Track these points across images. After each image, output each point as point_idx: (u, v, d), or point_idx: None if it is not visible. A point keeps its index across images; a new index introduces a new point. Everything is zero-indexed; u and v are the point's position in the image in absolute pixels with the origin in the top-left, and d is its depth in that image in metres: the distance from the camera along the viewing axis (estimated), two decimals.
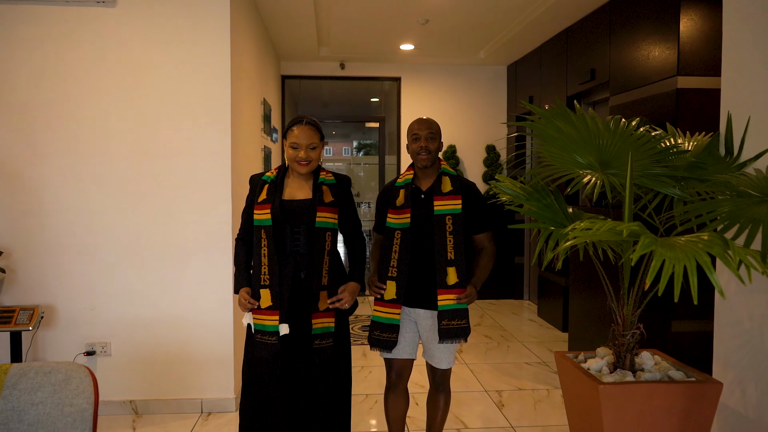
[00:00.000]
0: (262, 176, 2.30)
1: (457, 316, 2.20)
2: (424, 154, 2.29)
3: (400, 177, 2.41)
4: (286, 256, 2.18)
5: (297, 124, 2.21)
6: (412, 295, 2.28)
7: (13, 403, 1.39)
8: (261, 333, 2.16)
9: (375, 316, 2.30)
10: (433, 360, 2.32)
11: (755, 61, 1.98)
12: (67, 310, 3.15)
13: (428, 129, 2.31)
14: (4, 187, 3.09)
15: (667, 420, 1.76)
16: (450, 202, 2.25)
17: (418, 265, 2.27)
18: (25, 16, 3.07)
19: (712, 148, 2.08)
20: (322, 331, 2.17)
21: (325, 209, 2.20)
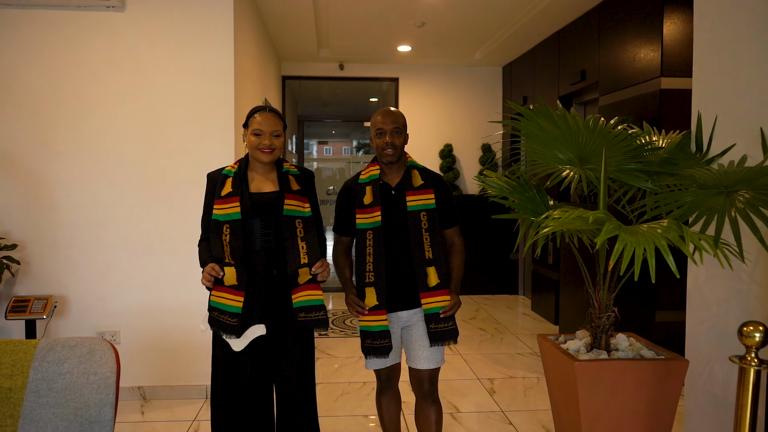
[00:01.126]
0: (222, 171, 2.15)
1: (444, 319, 2.11)
2: (390, 150, 2.13)
3: (363, 173, 2.24)
4: (257, 253, 2.05)
5: (259, 112, 2.10)
6: (391, 299, 2.15)
7: (43, 373, 1.55)
8: (219, 311, 2.00)
9: (363, 325, 2.14)
10: (420, 361, 2.16)
11: (721, 65, 2.14)
12: (79, 300, 3.31)
13: (393, 123, 2.14)
14: (19, 184, 3.25)
15: (637, 394, 1.92)
16: (423, 197, 2.14)
17: (394, 266, 2.14)
18: (39, 21, 3.22)
19: (684, 145, 2.23)
20: (306, 303, 2.03)
21: (293, 197, 2.09)
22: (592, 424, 1.94)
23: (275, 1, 4.31)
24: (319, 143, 12.24)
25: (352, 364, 4.03)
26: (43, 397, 1.52)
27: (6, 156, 3.23)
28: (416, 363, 2.18)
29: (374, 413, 3.18)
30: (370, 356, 2.16)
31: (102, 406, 1.48)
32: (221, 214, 2.05)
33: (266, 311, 2.07)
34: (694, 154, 2.20)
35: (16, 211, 3.25)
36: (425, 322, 2.13)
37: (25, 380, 1.55)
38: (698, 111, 2.23)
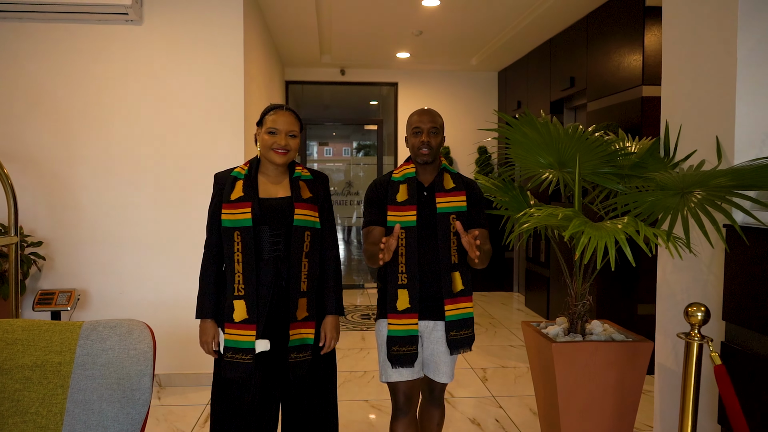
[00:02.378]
0: (231, 172, 2.02)
1: (465, 326, 2.05)
2: (426, 150, 2.05)
3: (398, 171, 2.15)
4: (265, 262, 1.92)
5: (276, 110, 1.98)
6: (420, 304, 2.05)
7: (87, 349, 1.79)
8: (233, 351, 1.89)
9: (391, 330, 2.03)
10: (438, 374, 2.11)
11: (686, 79, 2.38)
12: (99, 293, 3.56)
13: (431, 122, 2.07)
14: (44, 185, 3.49)
15: (607, 372, 2.17)
16: (454, 199, 2.06)
17: (423, 269, 2.04)
18: (63, 34, 3.47)
19: (654, 150, 2.47)
20: (299, 342, 1.92)
21: (303, 206, 1.96)
22: (568, 399, 2.19)
23: (281, 12, 4.56)
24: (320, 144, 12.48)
25: (353, 355, 4.28)
26: (89, 370, 1.76)
27: (32, 160, 3.48)
28: (436, 375, 2.11)
29: (374, 397, 3.43)
30: (396, 366, 2.03)
31: (141, 376, 1.72)
32: (230, 220, 1.92)
33: (272, 325, 1.94)
34: (662, 159, 2.45)
35: (41, 210, 3.50)
36: (445, 330, 2.04)
37: (72, 356, 1.79)
38: (666, 120, 2.48)
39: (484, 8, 4.55)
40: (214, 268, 1.99)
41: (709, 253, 2.19)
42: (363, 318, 5.48)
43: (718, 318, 2.11)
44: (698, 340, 1.64)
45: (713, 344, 2.10)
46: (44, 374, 1.75)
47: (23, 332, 1.81)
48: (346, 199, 8.44)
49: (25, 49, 3.45)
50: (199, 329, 1.99)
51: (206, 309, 1.97)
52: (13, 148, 3.45)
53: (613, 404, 2.19)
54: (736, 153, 2.08)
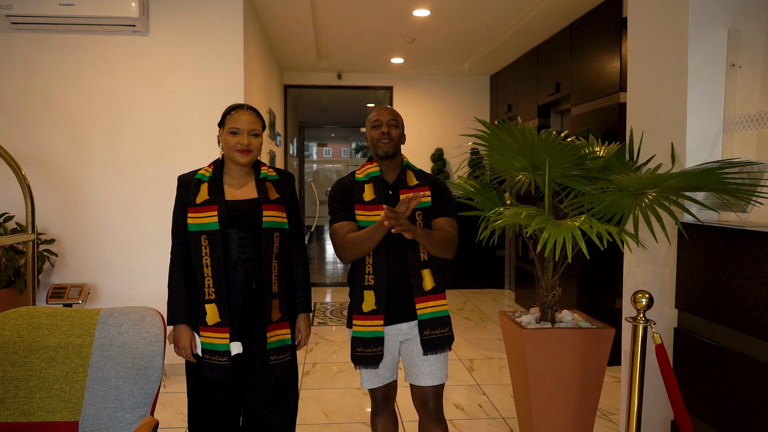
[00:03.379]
0: (195, 174, 2.01)
1: (440, 325, 2.00)
2: (386, 140, 2.01)
3: (360, 171, 2.12)
4: (233, 265, 1.92)
5: (237, 109, 1.96)
6: (389, 308, 2.01)
7: (105, 333, 2.01)
8: (210, 353, 1.90)
9: (356, 331, 2.01)
10: (422, 378, 2.01)
11: (646, 87, 2.61)
12: (108, 288, 3.78)
13: (390, 115, 2.06)
14: (56, 185, 3.72)
15: (573, 356, 2.39)
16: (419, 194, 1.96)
17: (390, 269, 2.00)
18: (74, 44, 3.70)
19: (620, 154, 2.69)
20: (279, 344, 1.94)
21: (271, 207, 1.94)
22: (538, 380, 2.41)
23: (279, 20, 4.79)
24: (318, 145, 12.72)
25: (347, 348, 4.49)
26: (107, 351, 1.99)
27: (45, 162, 3.70)
28: (417, 379, 2.02)
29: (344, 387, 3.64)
30: (360, 367, 2.02)
31: (153, 355, 1.95)
32: (197, 224, 1.91)
33: (245, 327, 1.95)
34: (627, 162, 2.67)
35: (53, 209, 3.72)
36: (419, 329, 1.99)
37: (91, 339, 2.02)
38: (630, 126, 2.71)
39: (472, 18, 4.77)
40: (181, 273, 1.98)
41: (666, 248, 2.42)
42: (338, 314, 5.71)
43: (672, 306, 2.34)
44: (643, 323, 1.87)
45: (669, 330, 2.33)
46: (67, 355, 1.98)
47: (48, 318, 2.03)
48: None
49: (40, 58, 3.67)
50: (173, 336, 1.97)
51: (178, 315, 1.97)
52: (28, 151, 3.67)
53: (579, 386, 2.41)
54: (688, 157, 2.31)
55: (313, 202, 8.23)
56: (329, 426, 3.06)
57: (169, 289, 2.02)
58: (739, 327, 1.91)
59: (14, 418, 1.91)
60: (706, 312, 2.09)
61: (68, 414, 1.94)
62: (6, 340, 1.95)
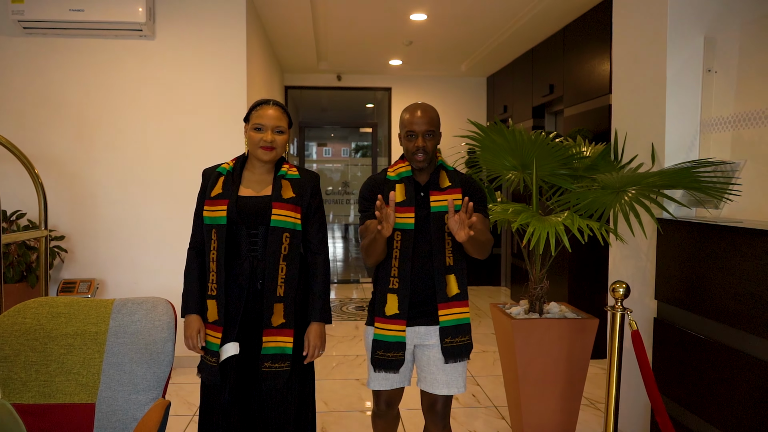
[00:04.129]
0: (217, 168, 2.00)
1: (461, 332, 1.93)
2: (421, 155, 1.91)
3: (392, 169, 2.01)
4: (241, 262, 1.88)
5: (262, 105, 1.92)
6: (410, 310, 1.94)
7: (119, 321, 2.15)
8: (206, 351, 1.90)
9: (377, 334, 1.94)
10: (435, 385, 1.94)
11: (629, 91, 2.75)
12: (115, 283, 3.92)
13: (427, 125, 1.91)
14: (65, 184, 3.86)
15: (559, 345, 2.53)
16: (449, 197, 1.91)
17: (416, 273, 1.93)
18: (82, 47, 3.83)
19: (605, 154, 2.83)
20: (274, 351, 1.84)
21: (282, 206, 1.87)
22: (526, 368, 2.55)
23: (280, 24, 4.93)
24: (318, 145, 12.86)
25: (347, 342, 4.65)
26: (121, 338, 2.12)
27: (55, 162, 3.84)
28: (433, 387, 1.94)
29: (365, 376, 3.79)
30: (379, 370, 1.94)
31: (165, 341, 2.08)
32: (209, 217, 1.89)
33: (246, 329, 1.89)
34: (612, 162, 2.81)
35: (63, 208, 3.86)
36: (440, 336, 1.92)
37: (106, 327, 2.15)
38: (615, 128, 2.85)
39: (468, 22, 4.91)
40: (197, 263, 1.95)
41: (647, 243, 2.56)
42: (357, 309, 5.85)
43: (652, 298, 2.48)
44: (620, 311, 2.01)
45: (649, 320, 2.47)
46: (84, 341, 2.11)
47: (65, 307, 2.17)
48: (342, 198, 8.81)
49: (50, 61, 3.81)
50: (183, 326, 1.95)
51: (190, 305, 1.94)
52: (38, 150, 3.81)
53: (565, 373, 2.55)
54: (667, 157, 2.45)
55: None
56: (330, 414, 3.20)
57: (185, 279, 1.98)
58: (712, 316, 2.05)
59: (35, 400, 2.05)
60: (682, 302, 2.24)
61: (85, 396, 2.08)
62: (27, 328, 2.09)
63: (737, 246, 1.93)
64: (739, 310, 1.92)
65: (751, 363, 1.86)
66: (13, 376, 2.05)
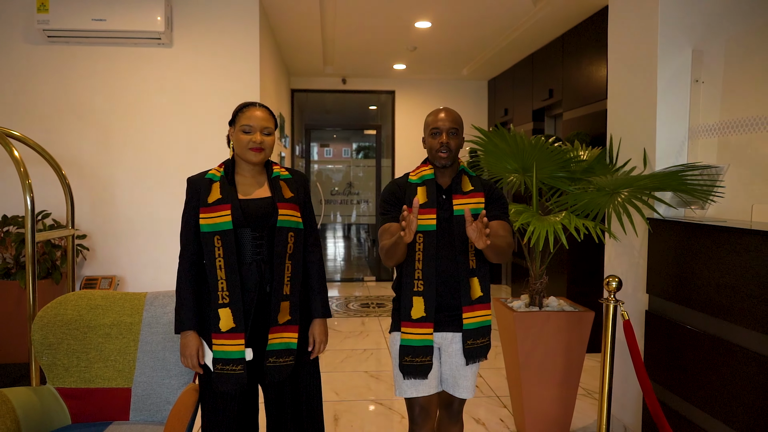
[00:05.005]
0: (205, 175, 1.95)
1: (482, 334, 1.96)
2: (445, 152, 1.94)
3: (415, 173, 2.03)
4: (247, 267, 1.85)
5: (249, 107, 1.90)
6: (437, 314, 1.95)
7: (152, 313, 2.34)
8: (223, 362, 1.80)
9: (404, 339, 1.93)
10: (457, 389, 2.00)
11: (624, 99, 2.93)
12: (135, 280, 4.11)
13: (451, 123, 1.95)
14: (86, 185, 4.04)
15: (557, 335, 2.71)
16: (472, 201, 1.94)
17: (440, 275, 1.94)
18: (104, 55, 4.02)
19: (601, 158, 3.02)
20: (279, 347, 1.85)
21: (286, 206, 1.88)
22: (526, 358, 2.74)
23: (290, 31, 5.11)
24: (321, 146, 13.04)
25: (354, 337, 4.83)
26: (154, 327, 2.31)
27: (77, 164, 4.03)
28: (455, 391, 2.01)
29: (374, 369, 3.98)
30: (408, 377, 1.95)
31: None
32: (209, 224, 1.84)
33: (255, 331, 1.87)
34: (607, 165, 3.00)
35: (85, 207, 4.04)
36: (462, 339, 1.95)
37: (140, 318, 2.34)
38: (610, 133, 3.03)
39: (470, 29, 5.10)
40: (190, 277, 1.91)
41: (640, 241, 2.75)
42: (362, 306, 6.04)
43: (644, 291, 2.66)
44: (613, 302, 2.19)
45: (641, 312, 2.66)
46: (120, 331, 2.30)
47: (102, 300, 2.36)
48: (347, 198, 9.00)
49: (73, 68, 4.00)
50: (180, 344, 1.88)
51: (186, 321, 1.86)
52: (61, 153, 3.99)
53: (563, 362, 2.74)
54: (658, 161, 2.64)
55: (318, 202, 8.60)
56: (341, 402, 3.39)
57: (177, 295, 1.91)
58: (698, 308, 2.24)
59: (77, 384, 2.24)
60: (672, 296, 2.42)
61: (122, 381, 2.26)
62: (69, 319, 2.27)
63: (720, 243, 2.11)
64: (721, 301, 2.11)
65: (733, 350, 2.05)
66: (56, 362, 2.23)
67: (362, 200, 8.93)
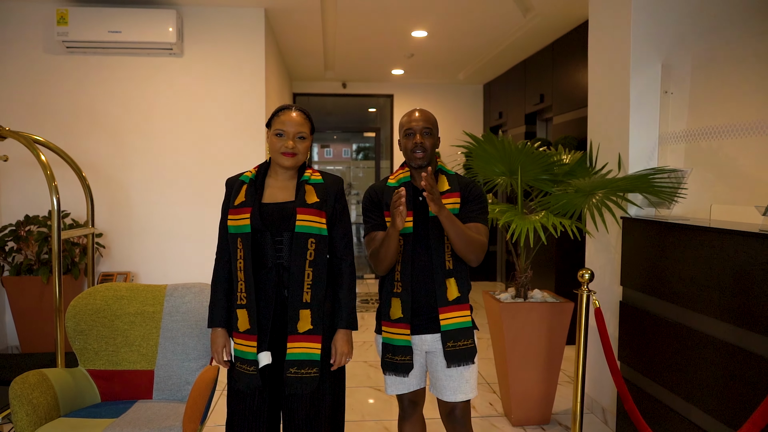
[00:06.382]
0: (240, 176, 1.97)
1: (463, 336, 1.93)
2: (420, 152, 1.94)
3: (393, 176, 2.06)
4: (267, 270, 1.86)
5: (284, 110, 1.90)
6: (414, 318, 1.96)
7: (173, 303, 2.59)
8: (240, 361, 1.85)
9: (385, 338, 1.98)
10: (445, 393, 1.98)
11: (602, 108, 3.19)
12: (147, 276, 4.36)
13: (424, 122, 1.96)
14: (102, 186, 4.30)
15: (540, 325, 2.97)
16: (447, 201, 1.94)
17: (417, 277, 1.95)
18: (119, 64, 4.27)
19: (582, 162, 3.27)
20: (300, 357, 1.82)
21: (307, 211, 1.85)
22: (512, 345, 2.99)
23: (293, 39, 5.37)
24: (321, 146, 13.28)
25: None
26: (174, 316, 2.56)
27: (93, 167, 4.28)
28: (441, 393, 2.00)
29: (373, 359, 4.23)
30: (390, 373, 1.99)
31: None
32: (234, 226, 1.87)
33: (276, 337, 1.87)
34: (588, 168, 3.25)
35: (100, 207, 4.30)
36: (442, 341, 1.94)
37: (161, 307, 2.59)
38: (590, 139, 3.29)
39: (465, 37, 5.35)
40: (224, 274, 1.94)
41: (616, 238, 3.00)
42: (362, 302, 6.29)
43: (619, 284, 2.92)
44: (587, 292, 2.45)
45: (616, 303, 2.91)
46: (143, 319, 2.55)
47: (127, 291, 2.61)
48: (348, 198, 9.28)
49: (89, 76, 4.25)
50: (210, 338, 1.97)
51: (216, 318, 1.92)
52: (78, 157, 4.23)
53: (545, 349, 2.99)
54: (631, 165, 2.89)
55: None
56: None
57: (212, 290, 1.98)
58: (665, 298, 2.49)
59: (105, 367, 2.49)
60: (642, 287, 2.67)
61: (146, 364, 2.51)
62: (97, 308, 2.53)
63: (682, 240, 2.36)
64: (684, 292, 2.36)
65: (694, 335, 2.30)
66: (87, 346, 2.49)
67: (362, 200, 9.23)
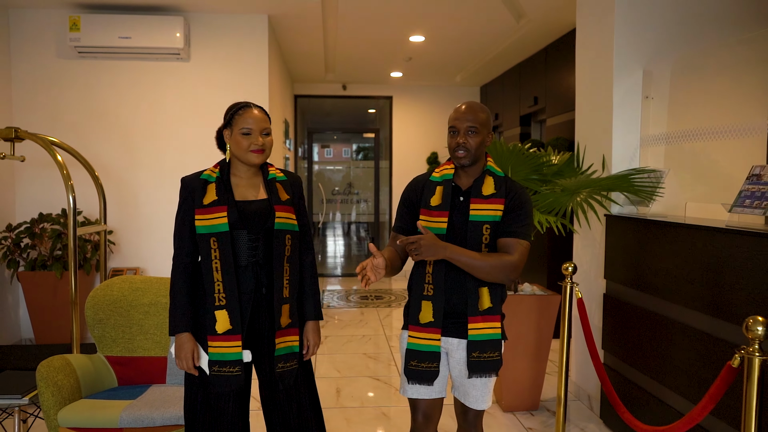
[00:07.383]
0: (200, 175, 1.93)
1: (490, 348, 1.87)
2: (462, 152, 1.84)
3: (438, 170, 1.96)
4: (243, 269, 1.84)
5: (245, 108, 1.87)
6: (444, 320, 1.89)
7: None
8: (219, 364, 1.79)
9: (411, 343, 1.89)
10: (468, 399, 1.93)
11: (588, 111, 3.37)
12: (155, 271, 4.54)
13: (470, 120, 1.83)
14: (112, 186, 4.48)
15: (529, 316, 3.15)
16: (490, 207, 1.84)
17: (450, 282, 1.87)
18: (127, 69, 4.46)
19: (570, 162, 3.45)
20: (286, 351, 1.86)
21: (283, 209, 1.87)
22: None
23: (295, 43, 5.55)
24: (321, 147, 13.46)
25: (354, 324, 5.27)
26: None
27: (103, 167, 4.46)
28: (466, 400, 1.95)
29: (371, 351, 4.42)
30: (412, 382, 1.90)
31: None
32: (205, 225, 1.82)
33: (251, 334, 1.89)
34: (575, 169, 3.43)
35: (109, 206, 4.47)
36: (467, 350, 1.86)
37: None
38: (577, 140, 3.47)
39: (461, 42, 5.54)
40: (184, 280, 1.88)
41: (600, 234, 3.19)
42: (362, 299, 6.47)
43: (603, 277, 3.10)
44: (570, 284, 2.63)
45: (600, 296, 3.10)
46: (157, 309, 2.73)
47: (141, 283, 2.79)
48: (347, 198, 9.45)
49: (100, 80, 4.44)
50: (174, 346, 1.85)
51: (180, 323, 1.84)
52: (89, 158, 4.41)
53: (534, 339, 3.18)
54: (614, 166, 3.08)
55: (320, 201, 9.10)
56: (342, 378, 3.83)
57: (171, 297, 1.89)
58: (645, 290, 2.67)
59: (122, 353, 2.67)
60: (623, 280, 2.86)
61: (159, 351, 2.70)
62: (115, 299, 2.71)
63: (658, 235, 2.55)
64: (659, 283, 2.54)
65: (670, 324, 2.48)
66: (105, 334, 2.67)
67: (362, 200, 9.39)
